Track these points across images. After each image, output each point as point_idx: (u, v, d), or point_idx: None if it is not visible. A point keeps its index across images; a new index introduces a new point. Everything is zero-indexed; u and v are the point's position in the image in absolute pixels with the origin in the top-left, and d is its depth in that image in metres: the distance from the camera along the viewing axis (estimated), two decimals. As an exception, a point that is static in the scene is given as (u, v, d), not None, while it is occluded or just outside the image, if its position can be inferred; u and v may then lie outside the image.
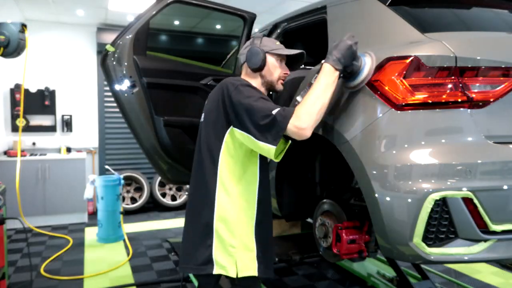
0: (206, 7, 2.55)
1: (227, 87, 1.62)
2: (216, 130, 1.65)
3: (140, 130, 2.53)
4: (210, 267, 1.63)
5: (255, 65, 1.72)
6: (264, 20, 4.15)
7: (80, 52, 6.08)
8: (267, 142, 1.51)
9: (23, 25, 3.47)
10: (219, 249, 1.63)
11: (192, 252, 1.69)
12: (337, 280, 3.53)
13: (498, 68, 1.54)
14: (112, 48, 2.36)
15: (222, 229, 1.63)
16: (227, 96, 1.60)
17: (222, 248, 1.63)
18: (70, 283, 3.46)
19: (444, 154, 1.50)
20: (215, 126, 1.66)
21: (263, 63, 1.72)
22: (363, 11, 1.95)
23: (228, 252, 1.63)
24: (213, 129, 1.66)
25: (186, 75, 2.51)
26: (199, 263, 1.65)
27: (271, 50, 1.75)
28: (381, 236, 1.59)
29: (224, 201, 1.64)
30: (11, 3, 5.01)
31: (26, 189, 4.94)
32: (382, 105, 1.59)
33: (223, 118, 1.63)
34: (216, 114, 1.65)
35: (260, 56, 1.70)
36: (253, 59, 1.72)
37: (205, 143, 1.69)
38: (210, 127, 1.68)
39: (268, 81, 1.77)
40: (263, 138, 1.52)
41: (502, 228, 1.48)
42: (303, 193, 2.42)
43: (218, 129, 1.65)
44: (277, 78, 1.78)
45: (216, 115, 1.65)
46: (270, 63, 1.75)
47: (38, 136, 5.83)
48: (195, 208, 1.73)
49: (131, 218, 5.71)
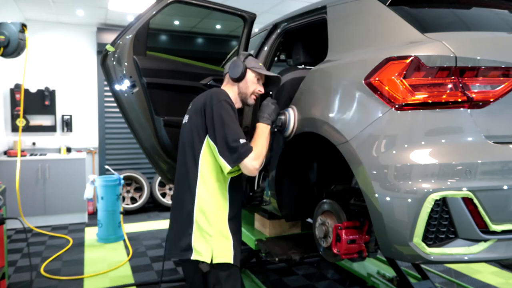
0: (206, 7, 2.54)
1: (212, 98, 1.85)
2: (198, 132, 1.88)
3: (140, 130, 2.53)
4: (190, 253, 1.84)
5: (234, 75, 1.97)
6: (264, 20, 4.15)
7: (80, 52, 6.08)
8: (226, 160, 1.78)
9: (23, 25, 3.47)
10: (198, 237, 1.84)
11: (176, 239, 1.91)
12: (337, 280, 3.53)
13: (498, 68, 1.54)
14: (112, 48, 2.36)
15: (201, 219, 1.85)
16: (209, 105, 1.83)
17: (200, 236, 1.84)
18: (70, 283, 3.46)
19: (444, 154, 1.50)
20: (197, 129, 1.88)
21: (242, 76, 1.98)
22: (363, 11, 1.95)
23: (205, 239, 1.84)
24: (196, 131, 1.88)
25: (186, 75, 2.51)
26: (181, 249, 1.87)
27: (252, 67, 2.01)
28: (381, 236, 1.59)
29: (203, 195, 1.86)
30: (11, 3, 5.01)
31: (26, 189, 4.94)
32: (382, 105, 1.59)
33: (204, 123, 1.86)
34: (199, 119, 1.87)
35: (240, 69, 1.97)
36: (235, 70, 1.98)
37: (189, 143, 1.91)
38: (194, 129, 1.89)
39: (243, 93, 2.01)
40: (225, 156, 1.78)
41: (502, 228, 1.48)
42: (303, 193, 2.42)
43: (200, 132, 1.87)
44: (251, 92, 2.02)
45: (198, 119, 1.88)
46: (249, 78, 2.01)
47: (38, 136, 5.83)
48: (179, 200, 1.94)
49: (131, 218, 5.71)
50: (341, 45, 2.02)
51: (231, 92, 1.99)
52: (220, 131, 1.78)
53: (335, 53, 2.02)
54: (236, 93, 2.01)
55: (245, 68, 1.98)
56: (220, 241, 1.86)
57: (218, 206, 1.88)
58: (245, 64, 1.99)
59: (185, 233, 1.86)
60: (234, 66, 1.99)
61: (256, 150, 1.82)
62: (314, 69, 2.08)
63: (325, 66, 2.00)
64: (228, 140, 1.77)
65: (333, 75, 1.91)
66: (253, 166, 1.79)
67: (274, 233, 2.79)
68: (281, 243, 2.61)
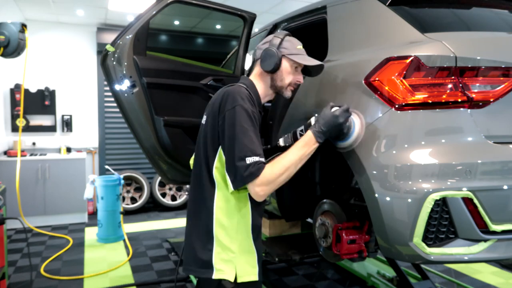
0: (206, 7, 2.54)
1: (227, 100, 1.55)
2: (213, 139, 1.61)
3: (140, 130, 2.53)
4: (210, 272, 1.60)
5: (267, 68, 1.64)
6: (264, 20, 4.16)
7: (80, 52, 6.08)
8: (230, 180, 1.52)
9: (23, 25, 3.47)
10: (219, 254, 1.61)
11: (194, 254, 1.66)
12: (337, 280, 3.53)
13: (498, 68, 1.54)
14: (112, 48, 2.36)
15: (221, 234, 1.60)
16: (223, 110, 1.55)
17: (222, 253, 1.61)
18: (70, 283, 3.46)
19: (444, 154, 1.50)
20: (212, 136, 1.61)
21: (276, 67, 1.63)
22: (363, 11, 1.95)
23: (228, 257, 1.60)
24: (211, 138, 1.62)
25: (186, 75, 2.51)
26: (200, 265, 1.62)
27: (288, 55, 1.66)
28: (381, 236, 1.59)
29: (222, 207, 1.60)
30: (11, 3, 5.01)
31: (26, 189, 4.94)
32: (382, 105, 1.59)
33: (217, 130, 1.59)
34: (214, 125, 1.60)
35: (274, 60, 1.62)
36: (267, 60, 1.64)
37: (203, 148, 1.65)
38: (209, 132, 1.62)
39: (277, 86, 1.69)
40: (230, 175, 1.52)
41: (502, 228, 1.48)
42: (303, 193, 2.42)
43: (214, 139, 1.60)
44: (287, 84, 1.68)
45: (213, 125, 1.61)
46: (284, 68, 1.66)
47: (38, 136, 5.83)
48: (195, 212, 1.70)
49: (131, 218, 5.71)
50: (341, 45, 2.02)
51: (261, 84, 1.69)
52: (229, 145, 1.50)
53: (335, 53, 2.02)
54: (267, 85, 1.69)
55: (280, 58, 1.63)
56: (244, 257, 1.62)
57: (240, 218, 1.61)
58: (279, 52, 1.63)
59: (204, 248, 1.62)
60: (267, 55, 1.64)
61: (268, 174, 1.47)
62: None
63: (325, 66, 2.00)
64: (235, 157, 1.48)
65: (333, 75, 1.91)
66: (256, 192, 1.48)
67: (274, 233, 2.80)
68: (281, 243, 2.61)
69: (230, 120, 1.51)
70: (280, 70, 1.66)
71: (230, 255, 1.60)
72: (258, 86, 1.69)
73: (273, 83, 1.68)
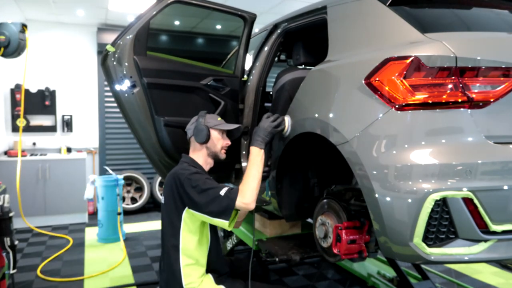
0: (206, 7, 2.54)
1: (179, 178, 1.91)
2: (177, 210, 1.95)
3: (141, 130, 2.52)
4: None
5: (201, 140, 2.06)
6: (264, 20, 4.15)
7: (81, 52, 6.08)
8: (220, 219, 1.84)
9: (24, 25, 3.47)
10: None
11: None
12: (337, 280, 3.53)
13: (498, 68, 1.54)
14: (113, 48, 2.35)
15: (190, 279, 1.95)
16: (180, 185, 1.90)
17: None
18: (70, 283, 3.46)
19: (444, 154, 1.50)
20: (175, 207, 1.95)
21: (208, 137, 2.06)
22: (363, 11, 1.95)
23: None
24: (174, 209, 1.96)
25: (187, 75, 2.50)
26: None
27: (214, 125, 2.09)
28: (381, 236, 1.59)
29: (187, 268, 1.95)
30: (11, 3, 5.01)
31: (26, 189, 4.94)
32: (382, 105, 1.59)
33: (179, 202, 1.93)
34: (173, 200, 1.95)
35: (205, 132, 2.05)
36: (200, 134, 2.06)
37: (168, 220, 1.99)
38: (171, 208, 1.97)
39: (212, 152, 2.11)
40: (217, 217, 1.84)
41: (503, 228, 1.48)
42: (303, 193, 2.42)
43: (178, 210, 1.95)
44: (220, 149, 2.12)
45: (173, 200, 1.95)
46: (214, 136, 2.10)
47: (38, 136, 5.84)
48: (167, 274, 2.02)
49: (131, 218, 5.71)
50: (341, 45, 2.02)
51: (200, 156, 2.10)
52: (200, 201, 1.85)
53: (335, 53, 2.02)
54: (206, 155, 2.11)
55: (208, 129, 2.07)
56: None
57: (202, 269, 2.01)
58: (206, 125, 2.07)
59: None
60: (198, 131, 2.07)
61: (243, 187, 1.86)
62: (315, 69, 2.08)
63: (325, 66, 2.00)
64: (210, 205, 1.83)
65: (333, 75, 1.91)
66: (245, 203, 1.84)
67: (274, 233, 2.79)
68: (281, 243, 2.61)
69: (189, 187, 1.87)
70: (211, 139, 2.09)
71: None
72: (199, 159, 2.10)
73: (209, 151, 2.10)
